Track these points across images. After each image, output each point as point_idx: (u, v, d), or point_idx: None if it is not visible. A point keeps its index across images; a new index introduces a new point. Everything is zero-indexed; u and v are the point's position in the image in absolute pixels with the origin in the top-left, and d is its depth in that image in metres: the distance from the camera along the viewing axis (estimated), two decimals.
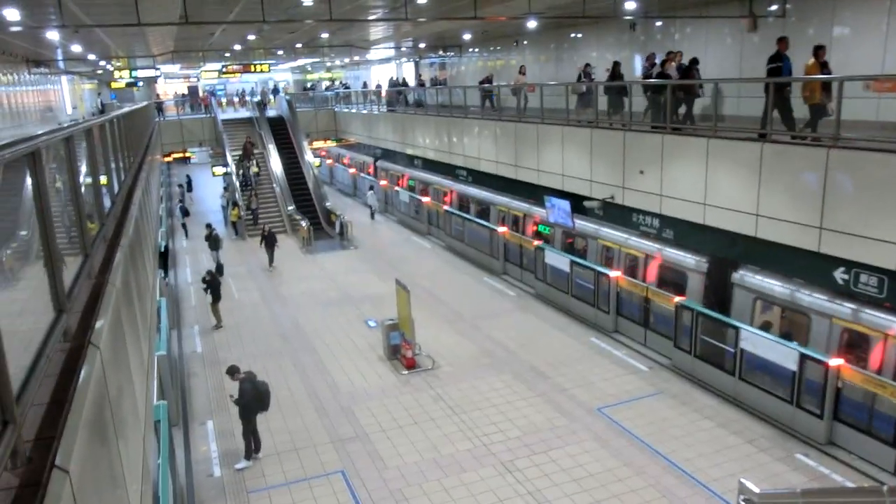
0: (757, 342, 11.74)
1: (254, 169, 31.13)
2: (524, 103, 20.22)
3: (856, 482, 9.88)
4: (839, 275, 10.86)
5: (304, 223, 26.71)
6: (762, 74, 16.83)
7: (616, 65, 17.81)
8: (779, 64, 11.93)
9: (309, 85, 52.54)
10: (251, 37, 29.59)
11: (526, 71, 23.57)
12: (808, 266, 11.30)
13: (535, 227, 21.21)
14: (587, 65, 20.43)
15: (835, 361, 10.58)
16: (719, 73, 18.70)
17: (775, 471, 10.23)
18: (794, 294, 12.47)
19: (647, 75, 16.44)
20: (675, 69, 15.62)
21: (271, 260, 23.34)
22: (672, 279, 15.33)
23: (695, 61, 15.71)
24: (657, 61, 16.83)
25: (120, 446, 3.87)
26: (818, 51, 11.59)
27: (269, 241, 23.24)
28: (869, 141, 10.32)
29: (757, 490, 6.20)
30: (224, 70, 38.86)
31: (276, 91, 45.01)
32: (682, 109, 14.65)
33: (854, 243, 9.98)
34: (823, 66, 11.63)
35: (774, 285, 12.97)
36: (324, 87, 48.57)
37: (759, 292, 13.27)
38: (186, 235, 29.44)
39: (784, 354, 11.21)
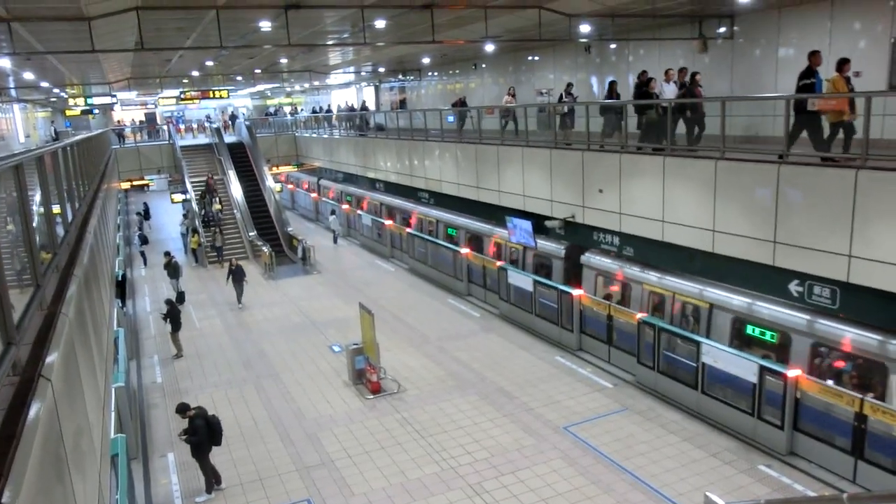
0: (718, 356, 11.93)
1: (216, 206, 30.08)
2: (512, 125, 19.39)
3: (817, 491, 10.05)
4: (794, 287, 11.13)
5: (265, 249, 26.42)
6: (714, 92, 17.40)
7: (613, 84, 16.60)
8: (811, 80, 10.71)
9: (272, 110, 52.28)
10: (209, 63, 29.42)
11: (515, 92, 22.64)
12: (764, 279, 11.56)
13: (494, 248, 21.38)
14: (570, 84, 20.24)
15: (793, 373, 10.80)
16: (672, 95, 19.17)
17: (740, 483, 10.36)
18: (623, 269, 15.77)
19: (639, 95, 14.86)
20: (675, 86, 14.34)
21: (240, 296, 21.66)
22: (544, 264, 18.88)
23: (695, 76, 14.28)
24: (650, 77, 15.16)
25: (75, 482, 3.74)
26: (843, 65, 10.58)
27: (237, 276, 21.54)
28: (813, 157, 10.68)
29: (722, 503, 6.28)
30: (182, 96, 38.53)
31: (234, 117, 44.65)
32: (680, 129, 13.50)
33: (806, 256, 10.26)
34: (847, 81, 10.68)
35: (609, 263, 16.17)
36: (287, 112, 48.34)
37: (598, 269, 16.51)
38: (145, 263, 28.88)
39: (744, 367, 11.41)
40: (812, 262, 10.21)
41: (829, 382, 10.66)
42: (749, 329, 12.71)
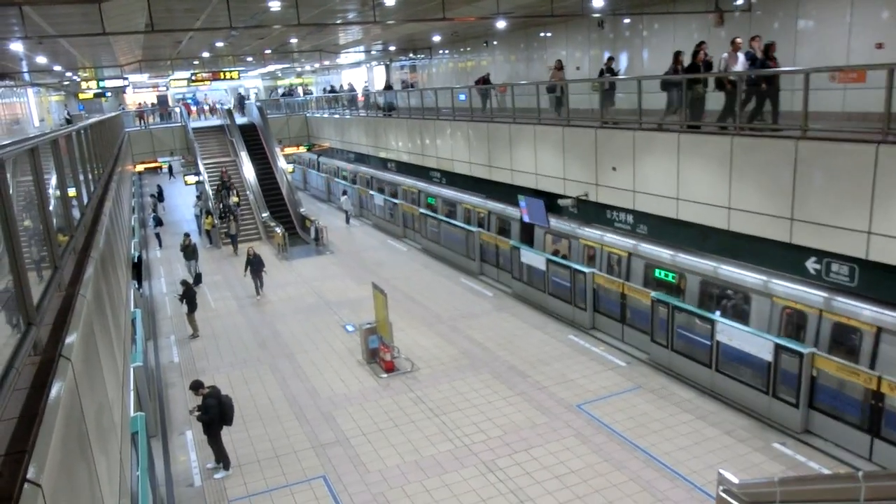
0: (733, 334, 11.90)
1: (234, 199, 29.25)
2: (563, 101, 17.18)
3: (832, 469, 10.05)
4: (811, 265, 11.05)
5: (278, 230, 26.52)
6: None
7: (678, 54, 14.07)
8: None
9: (285, 90, 52.02)
10: (219, 44, 29.37)
11: (563, 65, 19.95)
12: (781, 257, 11.48)
13: (466, 214, 23.02)
14: (611, 58, 17.80)
15: (808, 350, 10.76)
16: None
17: (754, 461, 10.38)
18: (560, 227, 18.17)
19: (695, 68, 13.42)
20: (744, 58, 12.79)
21: (259, 286, 20.60)
22: (502, 226, 21.77)
23: (770, 46, 12.66)
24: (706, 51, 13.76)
25: (96, 459, 3.82)
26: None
27: (255, 267, 20.39)
28: (835, 132, 10.54)
29: (736, 480, 6.27)
30: (193, 78, 38.52)
31: (242, 99, 44.57)
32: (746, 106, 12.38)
33: (824, 233, 10.16)
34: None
35: (553, 222, 18.04)
36: (301, 92, 48.12)
37: (545, 227, 18.72)
38: (160, 245, 29.09)
39: (759, 345, 11.38)
40: (830, 239, 10.12)
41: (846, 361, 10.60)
42: (657, 272, 15.36)
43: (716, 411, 11.97)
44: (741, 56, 12.83)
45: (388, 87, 30.95)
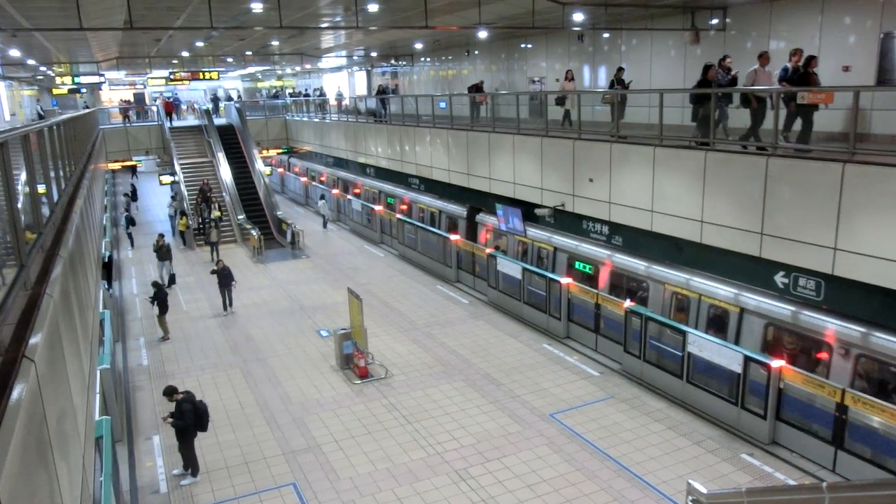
0: (703, 345, 12.01)
1: (215, 213, 27.60)
2: (564, 114, 17.03)
3: (797, 480, 10.18)
4: (779, 279, 11.21)
5: (254, 232, 26.29)
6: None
7: (708, 68, 12.98)
8: None
9: (275, 92, 51.35)
10: (200, 43, 29.09)
11: (574, 76, 19.21)
12: (751, 270, 11.64)
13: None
14: (620, 69, 16.97)
15: (776, 363, 10.90)
16: (664, 84, 19.19)
17: (722, 471, 10.47)
18: (501, 227, 19.19)
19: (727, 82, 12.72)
20: (778, 73, 11.86)
21: (228, 303, 19.14)
22: (449, 224, 23.54)
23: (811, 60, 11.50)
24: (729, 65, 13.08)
25: (58, 464, 3.71)
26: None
27: (223, 280, 18.90)
28: (805, 150, 10.73)
29: (705, 491, 6.34)
30: (172, 77, 38.11)
31: (216, 101, 44.10)
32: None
33: (792, 248, 10.32)
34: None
35: (493, 220, 19.82)
36: (288, 94, 47.69)
37: (486, 225, 20.96)
38: (132, 245, 28.65)
39: (729, 357, 11.50)
40: (797, 253, 10.28)
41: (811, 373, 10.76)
42: (577, 265, 17.03)
43: (686, 422, 12.07)
44: (769, 70, 12.07)
45: (382, 90, 30.63)
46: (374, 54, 36.21)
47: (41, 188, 6.74)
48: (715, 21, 18.21)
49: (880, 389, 10.38)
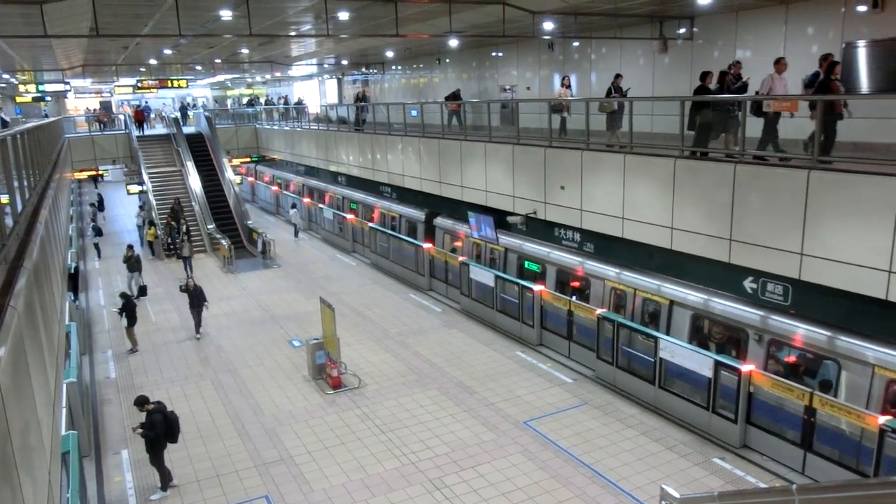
0: (675, 351, 12.16)
1: (183, 230, 26.62)
2: (573, 122, 16.49)
3: (768, 483, 10.33)
4: (748, 284, 11.42)
5: (224, 242, 25.99)
6: (674, 91, 17.66)
7: (706, 74, 12.74)
8: None
9: (250, 99, 50.84)
10: (168, 51, 28.77)
11: (571, 83, 18.62)
12: (721, 276, 11.83)
13: (378, 215, 24.98)
14: (618, 76, 16.17)
15: (747, 367, 11.07)
16: (633, 93, 19.45)
17: (695, 475, 10.59)
18: (455, 227, 21.28)
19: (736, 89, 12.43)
20: (802, 80, 11.58)
21: (199, 325, 18.01)
22: (409, 227, 24.37)
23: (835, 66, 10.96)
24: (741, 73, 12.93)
25: (22, 480, 3.63)
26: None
27: (195, 300, 17.81)
28: (771, 156, 10.96)
29: (677, 495, 6.39)
30: (139, 85, 37.62)
31: (184, 109, 43.64)
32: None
33: (760, 254, 10.52)
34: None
35: (450, 224, 21.77)
36: (263, 102, 47.29)
37: (445, 229, 22.25)
38: (99, 256, 28.13)
39: (700, 362, 11.65)
40: (765, 259, 10.48)
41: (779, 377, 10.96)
42: (526, 264, 18.05)
43: (659, 427, 12.18)
44: (785, 78, 11.74)
45: (361, 98, 30.43)
46: (344, 62, 36.16)
47: (4, 198, 6.59)
48: (682, 30, 18.55)
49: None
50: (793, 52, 15.58)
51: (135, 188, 32.02)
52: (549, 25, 19.03)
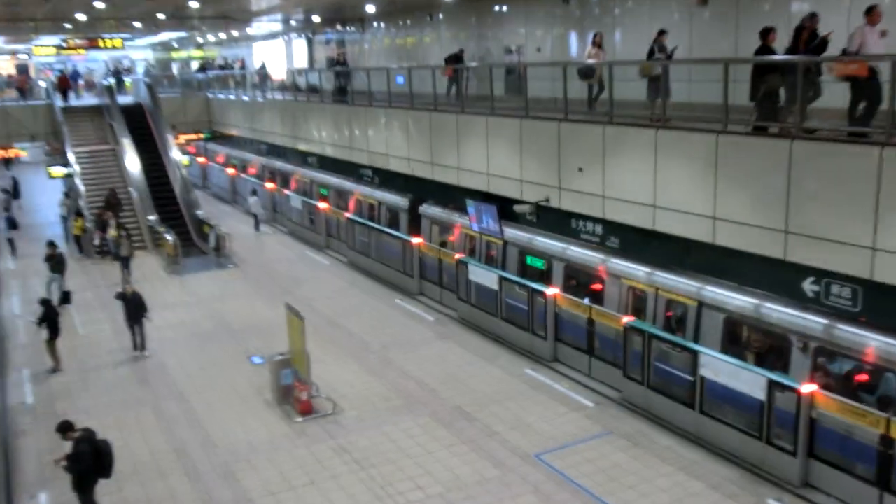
0: (719, 368, 12.04)
1: (112, 232, 25.73)
2: (595, 91, 16.11)
3: None
4: (808, 286, 11.35)
5: (169, 237, 25.85)
6: (715, 53, 17.51)
7: (766, 32, 12.44)
8: None
9: (204, 63, 50.70)
10: (99, 4, 28.55)
11: (602, 41, 17.70)
12: (775, 277, 11.74)
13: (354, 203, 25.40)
14: (662, 32, 15.29)
15: (807, 388, 10.96)
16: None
17: None
18: (453, 219, 21.02)
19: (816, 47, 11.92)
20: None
21: (142, 341, 17.68)
22: (389, 217, 24.49)
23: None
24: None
25: None
26: None
27: (133, 311, 17.42)
28: (837, 131, 10.87)
29: None
30: (64, 46, 37.41)
31: (119, 75, 43.52)
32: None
33: (823, 249, 10.41)
34: None
35: (439, 212, 21.86)
36: (217, 67, 47.18)
37: (433, 218, 22.23)
38: (13, 253, 27.90)
39: (750, 382, 11.53)
40: (829, 255, 10.38)
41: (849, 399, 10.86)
42: (528, 259, 18.21)
43: (701, 461, 12.11)
44: (882, 30, 11.22)
45: (336, 62, 30.01)
46: (315, 18, 36.01)
47: None
48: None
49: None
50: (860, 7, 15.44)
51: (58, 171, 31.83)
52: None
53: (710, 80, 13.46)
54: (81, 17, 32.84)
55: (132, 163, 30.85)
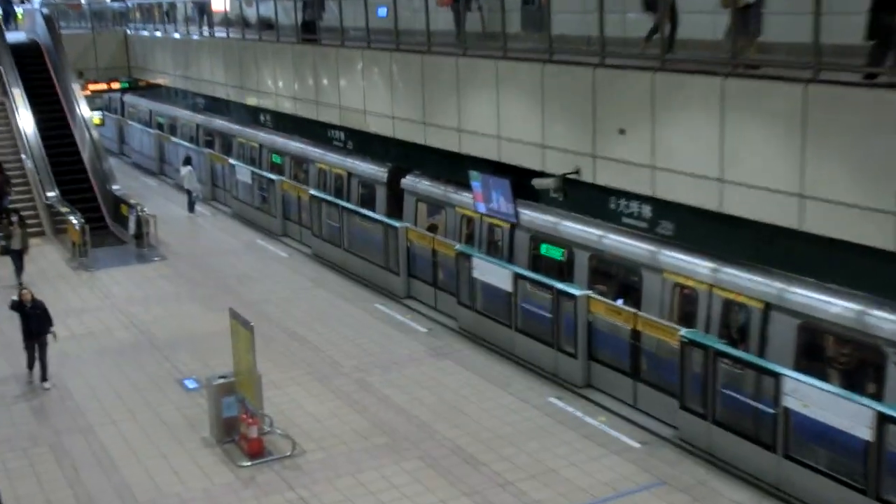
0: (809, 396, 11.89)
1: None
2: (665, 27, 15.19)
3: None
4: None
5: (74, 220, 25.87)
6: None
7: None
8: None
9: None
10: None
11: None
12: (885, 274, 11.60)
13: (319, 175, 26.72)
14: None
15: None
16: None
17: None
18: (449, 195, 21.51)
19: None
20: None
21: (41, 371, 17.40)
22: (363, 194, 25.44)
23: None
24: None
25: None
26: None
27: (34, 327, 17.22)
28: None
29: None
30: None
31: (8, 4, 43.49)
32: None
33: None
34: None
35: (431, 186, 22.26)
36: None
37: (419, 195, 22.80)
38: None
39: (851, 415, 11.38)
40: None
41: None
42: (543, 248, 18.65)
43: None
44: None
45: None
46: None
47: None
48: None
49: None
50: None
51: None
52: None
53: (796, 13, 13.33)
54: None
55: (25, 121, 30.96)
